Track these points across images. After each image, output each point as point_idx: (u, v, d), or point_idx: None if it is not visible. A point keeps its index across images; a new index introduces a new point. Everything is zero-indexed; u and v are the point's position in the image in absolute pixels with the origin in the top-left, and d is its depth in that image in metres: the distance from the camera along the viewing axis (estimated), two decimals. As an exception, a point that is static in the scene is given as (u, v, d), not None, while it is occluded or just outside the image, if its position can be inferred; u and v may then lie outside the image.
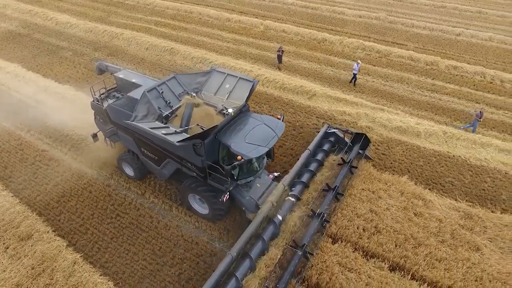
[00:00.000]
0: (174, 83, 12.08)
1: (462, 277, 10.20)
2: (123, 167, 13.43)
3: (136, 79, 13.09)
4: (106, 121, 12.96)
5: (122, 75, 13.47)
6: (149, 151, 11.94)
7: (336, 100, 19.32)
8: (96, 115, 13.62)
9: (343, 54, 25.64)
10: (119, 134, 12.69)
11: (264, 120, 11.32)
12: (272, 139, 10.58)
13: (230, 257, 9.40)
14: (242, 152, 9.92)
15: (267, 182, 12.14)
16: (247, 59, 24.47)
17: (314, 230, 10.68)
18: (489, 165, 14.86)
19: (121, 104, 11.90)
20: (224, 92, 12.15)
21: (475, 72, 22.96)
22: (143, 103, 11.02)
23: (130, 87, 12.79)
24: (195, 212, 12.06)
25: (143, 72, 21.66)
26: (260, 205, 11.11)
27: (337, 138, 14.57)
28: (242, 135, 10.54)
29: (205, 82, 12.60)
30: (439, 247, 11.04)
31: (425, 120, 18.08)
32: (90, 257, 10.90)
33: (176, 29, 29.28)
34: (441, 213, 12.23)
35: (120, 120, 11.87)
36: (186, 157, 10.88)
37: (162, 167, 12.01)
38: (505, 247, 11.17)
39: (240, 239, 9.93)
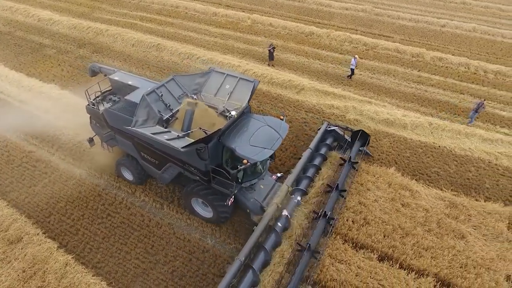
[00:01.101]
0: (173, 85, 11.81)
1: (448, 264, 10.55)
2: (121, 172, 13.13)
3: (132, 81, 12.73)
4: (102, 125, 12.62)
5: (117, 77, 13.07)
6: (149, 155, 11.70)
7: (324, 93, 19.46)
8: (92, 119, 13.23)
9: (331, 48, 25.75)
10: (117, 139, 12.39)
11: (267, 121, 11.07)
12: (277, 141, 10.35)
13: (239, 262, 9.34)
14: (248, 156, 9.70)
15: (271, 183, 12.05)
16: (235, 54, 24.37)
17: (320, 231, 10.76)
18: (473, 155, 15.26)
19: (119, 108, 11.60)
20: (224, 93, 11.87)
21: (459, 63, 23.37)
22: (142, 107, 10.69)
23: (126, 89, 12.50)
24: (198, 215, 11.89)
25: (130, 70, 21.45)
26: (265, 207, 11.03)
27: (337, 136, 14.65)
28: (246, 138, 10.29)
29: (204, 83, 12.27)
30: (425, 236, 11.36)
31: (411, 111, 18.39)
32: (82, 258, 10.88)
33: (162, 24, 28.90)
34: (428, 203, 12.56)
35: (118, 124, 11.59)
36: (189, 161, 10.64)
37: (163, 171, 11.75)
38: (488, 234, 11.57)
39: (247, 243, 9.85)
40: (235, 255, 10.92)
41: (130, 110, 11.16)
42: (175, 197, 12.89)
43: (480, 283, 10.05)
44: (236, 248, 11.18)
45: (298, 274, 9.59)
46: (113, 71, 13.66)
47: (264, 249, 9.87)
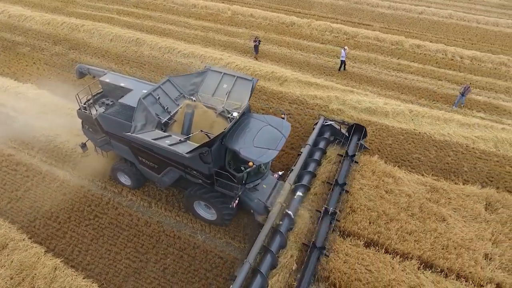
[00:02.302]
0: (169, 86, 11.49)
1: (431, 246, 11.02)
2: (118, 177, 12.84)
3: (125, 83, 12.32)
4: (96, 130, 12.19)
5: (108, 79, 12.61)
6: (148, 159, 11.44)
7: (307, 84, 19.61)
8: (84, 124, 12.75)
9: (312, 38, 25.83)
10: (112, 144, 12.03)
11: (268, 121, 10.86)
12: (280, 141, 10.14)
13: (248, 265, 9.26)
14: (253, 158, 9.50)
15: (273, 182, 11.97)
16: (216, 46, 24.14)
17: (326, 228, 10.85)
18: (452, 140, 15.81)
19: (114, 113, 11.23)
20: (222, 93, 11.55)
21: (437, 50, 23.93)
22: (140, 111, 10.34)
23: (118, 91, 12.13)
24: (201, 218, 11.75)
25: (109, 66, 20.96)
26: (269, 206, 10.99)
27: (333, 130, 14.75)
28: (249, 139, 10.05)
29: (200, 82, 11.93)
30: (409, 220, 11.80)
31: (392, 99, 18.80)
32: (71, 261, 10.77)
33: (141, 17, 28.22)
34: (410, 189, 12.99)
35: (114, 129, 11.29)
36: (192, 165, 10.40)
37: (163, 175, 11.50)
38: (467, 216, 12.11)
39: (255, 245, 9.80)
40: (226, 249, 11.12)
41: (126, 114, 10.84)
42: (163, 195, 12.86)
43: (460, 263, 10.56)
44: (227, 242, 11.33)
45: (308, 273, 9.68)
46: (102, 72, 13.12)
47: (270, 251, 9.82)
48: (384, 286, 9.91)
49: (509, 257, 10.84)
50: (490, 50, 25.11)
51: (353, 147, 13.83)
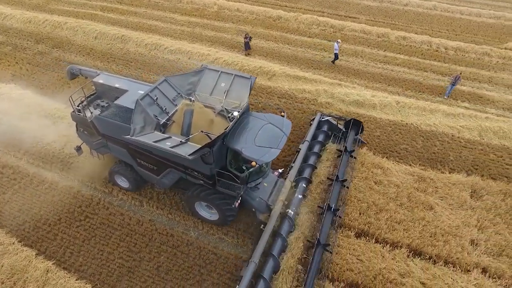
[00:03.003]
0: (166, 86, 11.29)
1: (419, 235, 11.31)
2: (116, 180, 12.66)
3: (119, 84, 12.07)
4: (92, 133, 11.92)
5: (102, 80, 12.31)
6: (146, 161, 11.29)
7: (295, 78, 19.67)
8: (79, 126, 12.43)
9: (299, 31, 25.85)
10: (109, 146, 11.82)
11: (268, 119, 10.77)
12: (282, 139, 10.08)
13: (254, 264, 9.27)
14: (256, 157, 9.42)
15: (273, 180, 11.96)
16: (203, 42, 23.96)
17: (328, 224, 10.89)
18: (438, 130, 16.15)
19: (110, 115, 10.94)
20: (220, 92, 11.35)
21: (422, 42, 24.27)
22: (138, 113, 10.12)
23: (112, 92, 11.90)
24: (203, 218, 11.68)
25: (95, 64, 20.63)
26: (271, 205, 10.97)
27: (331, 126, 14.79)
28: (250, 138, 9.96)
29: (197, 82, 11.71)
30: (398, 210, 12.06)
31: (379, 91, 19.04)
32: (63, 262, 10.68)
33: (125, 14, 27.75)
34: (398, 179, 13.26)
35: (110, 131, 11.10)
36: (193, 166, 10.28)
37: (162, 177, 11.40)
38: (453, 203, 12.44)
39: (259, 244, 9.79)
40: (219, 245, 11.20)
41: (122, 116, 10.67)
42: (154, 194, 12.81)
43: (448, 249, 10.88)
44: (220, 238, 11.40)
45: (313, 270, 9.69)
46: (95, 73, 12.81)
47: (273, 256, 9.81)
48: (375, 275, 10.15)
49: (494, 242, 11.21)
50: (473, 41, 25.58)
51: (351, 142, 13.88)
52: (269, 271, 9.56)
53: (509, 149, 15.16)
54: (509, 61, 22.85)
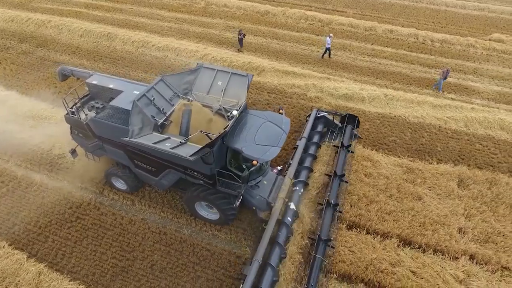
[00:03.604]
0: (163, 86, 11.10)
1: (409, 225, 11.55)
2: (113, 182, 12.50)
3: (114, 84, 11.77)
4: (87, 135, 11.72)
5: (96, 80, 12.04)
6: (144, 163, 11.11)
7: (284, 73, 19.71)
8: (73, 129, 12.17)
9: (287, 26, 25.85)
10: (105, 148, 11.63)
11: (267, 117, 10.76)
12: (281, 137, 10.07)
13: (257, 263, 9.27)
14: (257, 156, 9.43)
15: (273, 178, 11.94)
16: (191, 38, 23.76)
17: (329, 219, 10.93)
18: (425, 121, 16.42)
19: (106, 117, 10.71)
20: (218, 91, 11.25)
21: (408, 34, 24.53)
22: (135, 114, 9.93)
23: (107, 93, 11.69)
24: (203, 218, 11.63)
25: (81, 63, 20.32)
26: (272, 202, 10.97)
27: (327, 121, 14.82)
28: (250, 137, 9.94)
29: (194, 80, 11.62)
30: (387, 201, 12.28)
31: (368, 85, 19.22)
32: (55, 264, 10.60)
33: (111, 11, 27.30)
34: (387, 171, 13.48)
35: (106, 133, 10.94)
36: (193, 166, 10.17)
37: (161, 178, 11.30)
38: (441, 193, 12.72)
39: (262, 242, 9.79)
40: (213, 241, 11.25)
41: (119, 117, 10.51)
42: (146, 192, 12.76)
43: (437, 238, 11.15)
44: (213, 235, 11.44)
45: (316, 266, 9.79)
46: (87, 74, 12.54)
47: (279, 244, 9.91)
48: (367, 265, 10.35)
49: (481, 229, 11.52)
50: (458, 33, 25.96)
51: (347, 137, 13.93)
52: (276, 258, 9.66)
53: (494, 139, 15.53)
54: (493, 52, 23.28)
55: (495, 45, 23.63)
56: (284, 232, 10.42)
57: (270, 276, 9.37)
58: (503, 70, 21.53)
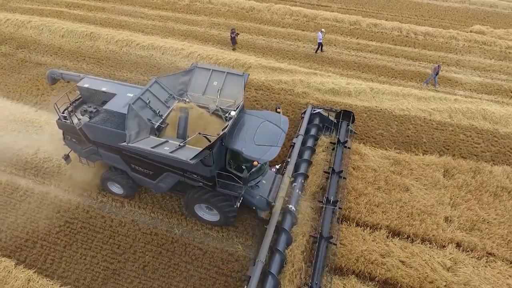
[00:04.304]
0: (157, 88, 10.86)
1: (397, 216, 11.78)
2: (109, 187, 12.27)
3: (106, 87, 11.53)
4: (81, 140, 11.44)
5: (87, 84, 11.74)
6: (141, 166, 10.96)
7: (271, 69, 19.72)
8: (66, 134, 11.84)
9: (272, 22, 25.82)
10: (101, 153, 11.42)
11: (265, 117, 10.70)
12: (281, 137, 10.03)
13: (261, 264, 9.28)
14: (257, 157, 9.41)
15: (271, 177, 11.94)
16: (176, 36, 23.51)
17: (329, 217, 10.95)
18: (411, 114, 16.70)
19: (101, 121, 10.53)
20: (213, 91, 11.10)
21: (392, 28, 24.82)
22: (131, 118, 9.72)
23: (99, 96, 11.45)
24: (203, 220, 11.53)
25: (64, 64, 19.89)
26: (272, 202, 10.99)
27: (322, 118, 14.85)
28: (249, 137, 9.88)
29: (189, 81, 11.45)
30: (376, 194, 12.49)
31: (354, 79, 19.41)
32: (44, 270, 10.44)
33: (93, 10, 26.75)
34: (375, 163, 13.68)
35: (102, 138, 10.73)
36: (192, 169, 10.08)
37: (159, 181, 11.19)
38: (428, 184, 13.00)
39: (264, 243, 9.82)
40: (204, 240, 11.25)
41: (114, 121, 10.31)
42: (135, 193, 12.63)
43: (424, 228, 11.41)
44: (205, 233, 11.44)
45: (319, 264, 9.82)
46: (78, 77, 12.20)
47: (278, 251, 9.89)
48: (357, 257, 10.53)
49: (466, 217, 11.84)
50: (441, 25, 26.40)
51: (343, 133, 14.02)
52: (276, 266, 9.65)
53: (477, 129, 15.92)
54: (474, 44, 23.78)
55: (476, 37, 24.14)
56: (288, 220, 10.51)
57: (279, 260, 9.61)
58: (484, 61, 22.04)
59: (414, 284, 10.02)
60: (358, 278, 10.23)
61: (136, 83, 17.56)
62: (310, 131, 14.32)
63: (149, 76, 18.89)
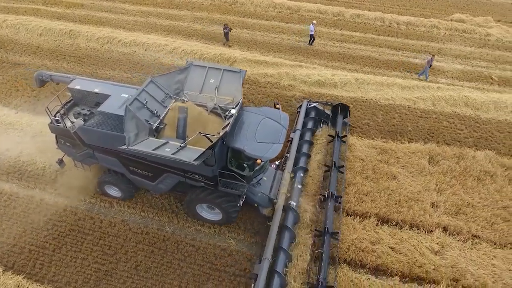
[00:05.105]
0: (153, 88, 10.59)
1: (385, 203, 12.02)
2: (106, 190, 12.02)
3: (99, 88, 11.18)
4: (75, 144, 11.11)
5: (79, 85, 11.36)
6: (140, 168, 10.76)
7: (256, 63, 19.64)
8: (59, 138, 11.46)
9: (256, 15, 25.66)
10: (97, 156, 11.14)
11: (265, 113, 10.60)
12: (282, 133, 9.99)
13: (268, 261, 9.26)
14: (260, 155, 9.37)
15: (272, 173, 11.88)
16: (159, 31, 23.12)
17: (331, 211, 11.04)
18: (396, 103, 16.96)
19: (96, 124, 10.30)
20: (211, 89, 10.92)
21: (375, 18, 25.04)
22: (129, 120, 9.47)
23: (92, 98, 11.11)
24: (205, 220, 11.43)
25: (44, 64, 19.32)
26: (274, 199, 10.96)
27: (318, 112, 14.84)
28: (251, 135, 9.80)
29: (185, 80, 11.24)
30: (364, 183, 12.68)
31: (339, 70, 19.54)
32: (34, 275, 10.23)
33: (71, 7, 25.99)
34: (362, 153, 13.87)
35: (98, 141, 10.45)
36: (193, 169, 9.91)
37: (159, 183, 11.02)
38: (414, 171, 13.27)
39: (269, 240, 9.75)
40: (196, 237, 11.23)
41: (110, 124, 10.04)
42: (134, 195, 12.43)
43: (412, 214, 11.68)
44: (196, 230, 11.41)
45: (325, 259, 9.89)
46: (68, 78, 11.80)
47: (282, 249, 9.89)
48: (348, 245, 10.71)
49: (452, 202, 12.18)
50: (422, 14, 26.79)
51: (341, 127, 14.09)
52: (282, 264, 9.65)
53: (459, 116, 16.31)
54: (455, 32, 24.24)
55: (456, 25, 24.60)
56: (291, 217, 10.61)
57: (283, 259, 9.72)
58: (465, 49, 22.52)
59: (404, 269, 10.28)
60: (350, 266, 10.43)
61: (119, 81, 17.23)
62: (307, 125, 14.35)
63: (132, 74, 18.58)
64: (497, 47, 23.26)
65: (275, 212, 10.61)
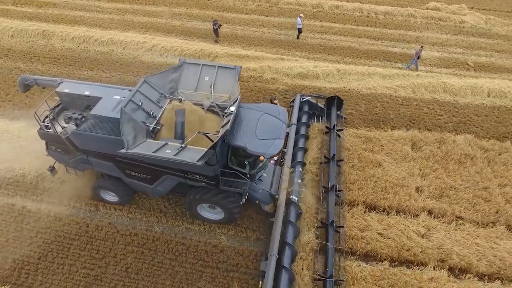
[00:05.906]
0: (147, 88, 10.36)
1: (372, 191, 12.23)
2: (102, 195, 11.71)
3: (89, 91, 10.83)
4: (67, 150, 10.68)
5: (67, 89, 10.91)
6: (138, 171, 10.54)
7: (238, 57, 19.49)
8: (50, 144, 10.99)
9: (235, 9, 25.43)
10: (91, 161, 10.75)
11: (263, 109, 10.51)
12: (282, 128, 9.94)
13: (274, 258, 9.26)
14: (262, 152, 9.29)
15: (271, 169, 11.80)
16: (136, 29, 22.62)
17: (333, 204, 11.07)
18: (377, 92, 17.22)
19: (90, 128, 9.91)
20: (206, 87, 10.76)
21: (354, 9, 25.27)
22: (126, 123, 9.20)
23: (83, 101, 10.70)
24: (207, 220, 11.29)
25: (17, 66, 18.58)
26: (276, 195, 10.92)
27: (311, 105, 14.82)
28: (251, 132, 9.70)
29: (178, 78, 11.03)
30: (351, 172, 12.86)
31: (320, 62, 19.65)
32: (20, 285, 9.90)
33: (43, 6, 25.03)
34: (348, 143, 14.04)
35: (93, 146, 10.09)
36: (194, 169, 9.74)
37: (157, 185, 10.81)
38: (398, 158, 13.54)
39: (274, 236, 9.78)
40: (186, 235, 11.13)
41: (105, 127, 9.71)
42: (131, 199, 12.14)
43: (398, 200, 11.94)
44: (186, 228, 11.31)
45: (331, 250, 9.98)
46: (55, 82, 11.32)
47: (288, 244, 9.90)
48: (338, 234, 10.85)
49: (435, 186, 12.52)
50: (399, 4, 27.20)
51: (335, 120, 14.14)
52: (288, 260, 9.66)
53: (439, 101, 16.72)
54: (431, 20, 24.75)
55: (432, 14, 25.11)
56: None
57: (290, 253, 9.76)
58: (441, 37, 23.04)
59: (393, 253, 10.52)
60: (340, 254, 10.56)
61: (98, 81, 16.80)
62: (302, 119, 14.36)
63: (111, 73, 18.12)
64: (472, 34, 23.91)
65: (278, 208, 10.60)
